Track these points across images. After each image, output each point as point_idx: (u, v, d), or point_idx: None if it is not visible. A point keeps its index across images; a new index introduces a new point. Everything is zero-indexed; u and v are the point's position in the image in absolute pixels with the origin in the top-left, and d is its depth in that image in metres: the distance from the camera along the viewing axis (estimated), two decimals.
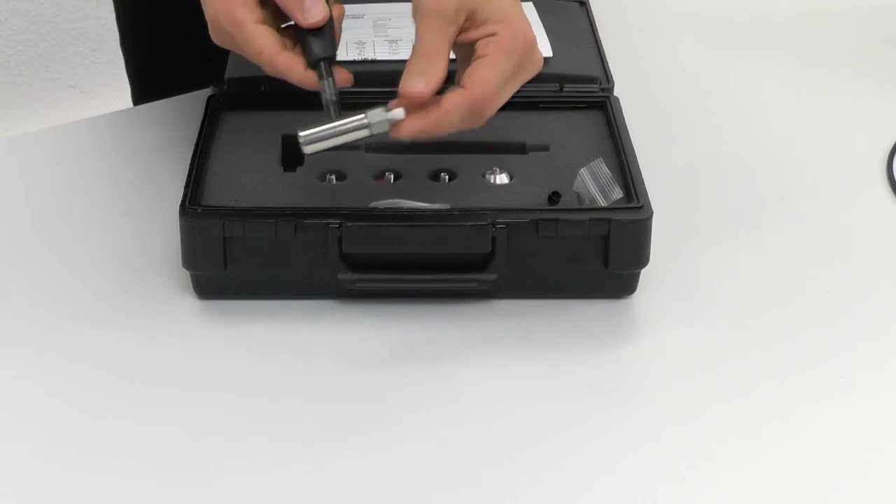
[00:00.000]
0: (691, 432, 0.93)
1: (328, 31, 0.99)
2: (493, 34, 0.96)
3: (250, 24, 0.97)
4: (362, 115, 0.97)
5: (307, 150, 0.98)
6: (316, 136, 0.97)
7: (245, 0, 0.98)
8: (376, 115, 0.97)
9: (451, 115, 0.95)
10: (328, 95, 0.98)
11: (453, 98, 0.95)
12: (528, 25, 0.97)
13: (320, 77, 0.98)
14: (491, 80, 0.95)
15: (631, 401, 0.96)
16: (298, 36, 0.99)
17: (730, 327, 1.02)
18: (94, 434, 0.92)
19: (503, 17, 0.96)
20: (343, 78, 0.99)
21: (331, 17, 0.99)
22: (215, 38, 1.00)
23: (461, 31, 0.97)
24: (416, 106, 0.95)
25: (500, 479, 0.89)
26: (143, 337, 1.00)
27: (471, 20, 0.97)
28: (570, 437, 0.92)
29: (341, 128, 0.97)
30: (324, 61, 0.98)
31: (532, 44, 0.97)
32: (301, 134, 0.97)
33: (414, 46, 0.96)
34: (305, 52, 0.99)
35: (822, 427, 0.93)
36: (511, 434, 0.92)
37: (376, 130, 0.97)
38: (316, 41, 0.98)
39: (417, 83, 0.94)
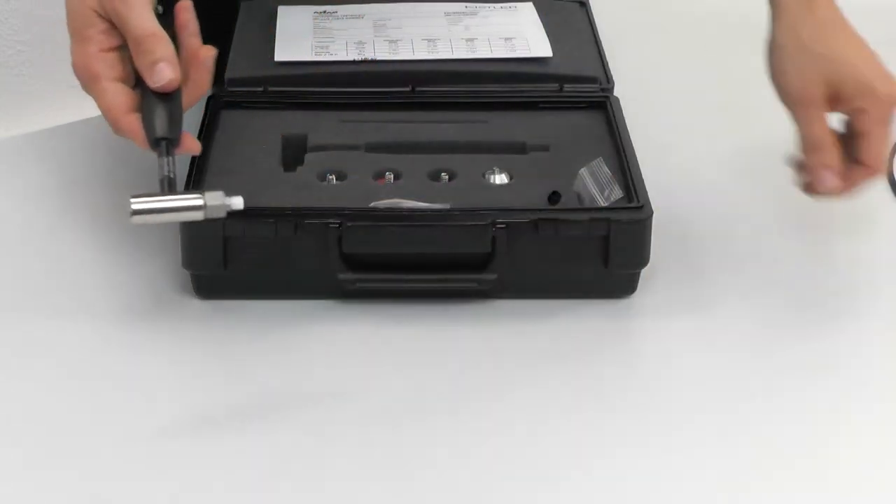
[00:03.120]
0: (691, 432, 0.93)
1: (175, 107, 0.95)
2: (862, 111, 1.03)
3: (103, 80, 0.96)
4: (198, 196, 0.93)
5: (135, 220, 0.92)
6: (147, 208, 0.92)
7: (104, 55, 0.96)
8: (214, 197, 0.93)
9: (855, 186, 1.05)
10: (165, 171, 0.93)
11: (860, 174, 1.04)
12: (891, 83, 1.04)
13: (160, 155, 0.94)
14: (882, 153, 1.05)
15: (630, 401, 0.96)
16: (147, 103, 0.95)
17: (730, 327, 1.02)
18: (93, 434, 0.92)
19: (867, 92, 1.03)
20: (191, 147, 0.97)
21: (179, 90, 0.95)
22: (81, 85, 0.98)
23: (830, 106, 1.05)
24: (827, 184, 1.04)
25: (500, 477, 0.89)
26: (143, 337, 1.00)
27: (835, 98, 1.04)
28: (569, 436, 0.92)
29: (174, 204, 0.93)
30: (165, 141, 0.94)
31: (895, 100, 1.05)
32: (132, 200, 0.92)
33: (803, 138, 1.05)
34: (146, 127, 0.95)
35: (822, 427, 0.93)
36: (511, 433, 0.92)
37: (211, 214, 0.93)
38: (160, 119, 0.94)
39: (828, 178, 1.04)
